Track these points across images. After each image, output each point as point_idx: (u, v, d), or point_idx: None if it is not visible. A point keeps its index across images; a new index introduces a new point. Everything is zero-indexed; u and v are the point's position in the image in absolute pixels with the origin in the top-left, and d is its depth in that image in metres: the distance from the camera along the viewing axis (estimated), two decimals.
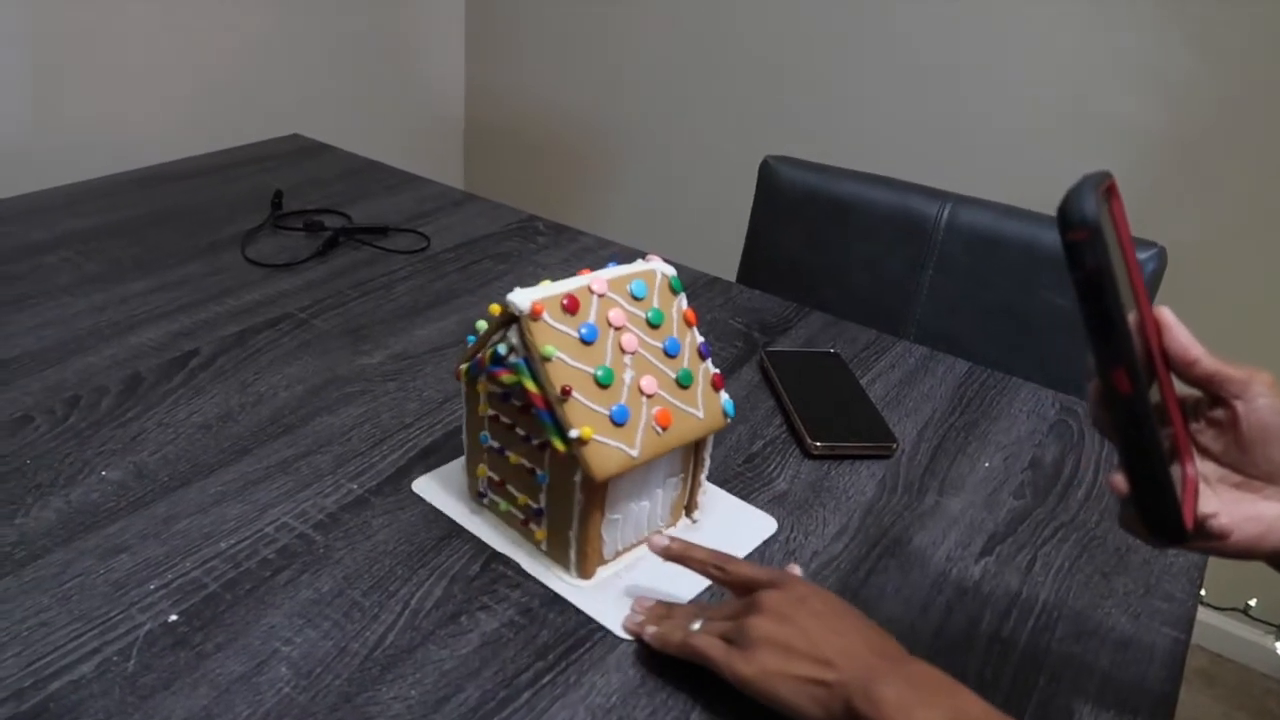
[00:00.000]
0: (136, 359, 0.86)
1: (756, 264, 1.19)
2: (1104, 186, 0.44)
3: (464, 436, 0.70)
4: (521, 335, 0.60)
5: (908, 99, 1.68)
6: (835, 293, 1.10)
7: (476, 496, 0.71)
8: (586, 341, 0.60)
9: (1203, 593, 1.71)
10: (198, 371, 0.86)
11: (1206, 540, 0.48)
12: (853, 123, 1.74)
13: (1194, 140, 1.46)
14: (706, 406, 0.66)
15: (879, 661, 0.52)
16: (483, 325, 0.64)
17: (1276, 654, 1.58)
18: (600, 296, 0.62)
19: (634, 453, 0.61)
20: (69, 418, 0.78)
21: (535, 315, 0.59)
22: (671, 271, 0.68)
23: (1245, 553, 0.49)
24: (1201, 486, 0.49)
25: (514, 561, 0.67)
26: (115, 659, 0.56)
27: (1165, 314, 0.49)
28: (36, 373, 0.83)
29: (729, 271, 1.22)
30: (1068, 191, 0.42)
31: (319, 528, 0.68)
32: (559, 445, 0.60)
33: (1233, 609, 1.66)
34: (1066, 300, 1.01)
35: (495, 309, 0.62)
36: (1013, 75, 1.57)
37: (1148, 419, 0.44)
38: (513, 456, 0.66)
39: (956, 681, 0.50)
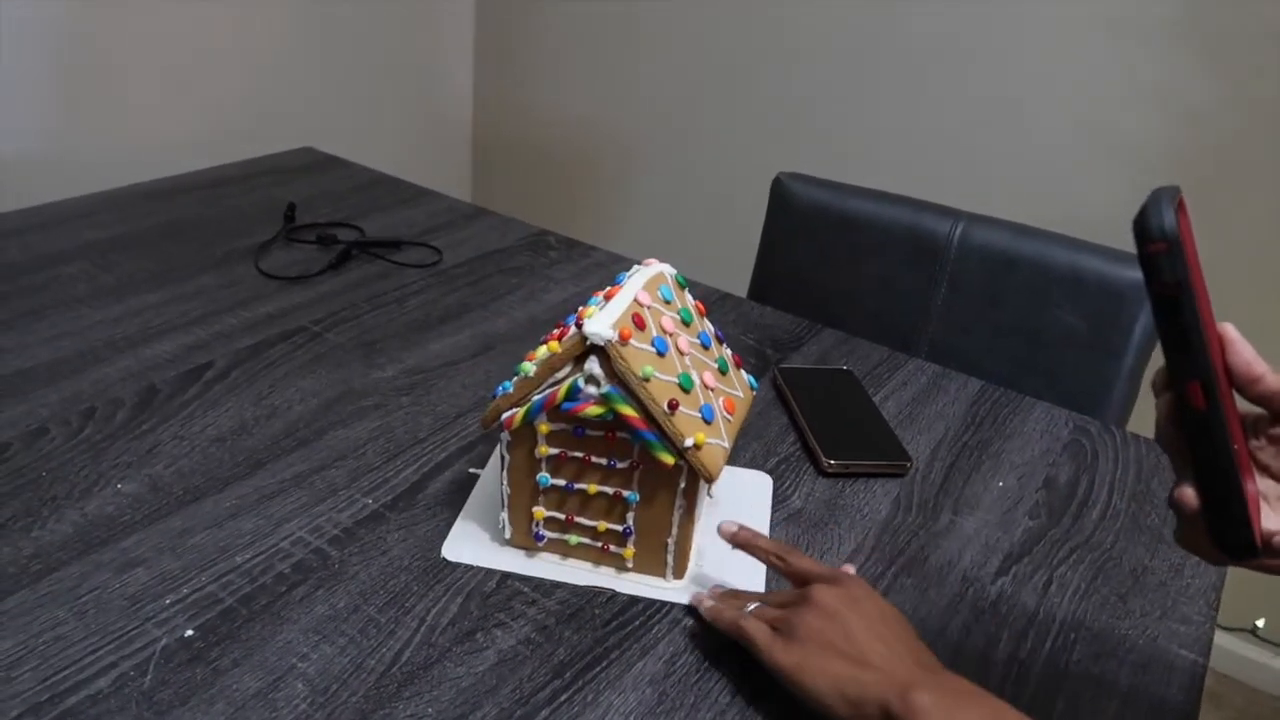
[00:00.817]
0: (151, 371, 0.87)
1: (768, 280, 1.19)
2: (1178, 201, 0.44)
3: (504, 486, 0.66)
4: (608, 363, 0.60)
5: (921, 117, 1.68)
6: (847, 310, 1.10)
7: (531, 540, 0.68)
8: (661, 354, 0.62)
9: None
10: (212, 384, 0.86)
11: (1274, 558, 0.48)
12: (866, 140, 1.75)
13: (1206, 160, 1.46)
14: (740, 385, 0.69)
15: (918, 671, 0.52)
16: (529, 368, 0.62)
17: None
18: (649, 308, 0.63)
19: (726, 444, 0.63)
20: (84, 429, 0.78)
21: (624, 340, 0.59)
22: (673, 270, 0.70)
23: None
24: (1262, 504, 0.49)
25: (604, 589, 0.67)
26: (132, 674, 0.56)
27: (1229, 330, 0.48)
28: (53, 384, 0.83)
29: (740, 287, 1.22)
30: (1144, 204, 0.42)
31: (334, 542, 0.68)
32: (668, 459, 0.61)
33: (1241, 629, 1.65)
34: (1079, 319, 1.01)
35: (553, 347, 0.61)
36: (1026, 94, 1.57)
37: (1222, 434, 0.44)
38: (591, 487, 0.65)
39: (993, 695, 0.50)
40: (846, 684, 0.52)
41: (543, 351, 0.62)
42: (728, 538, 0.65)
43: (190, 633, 0.59)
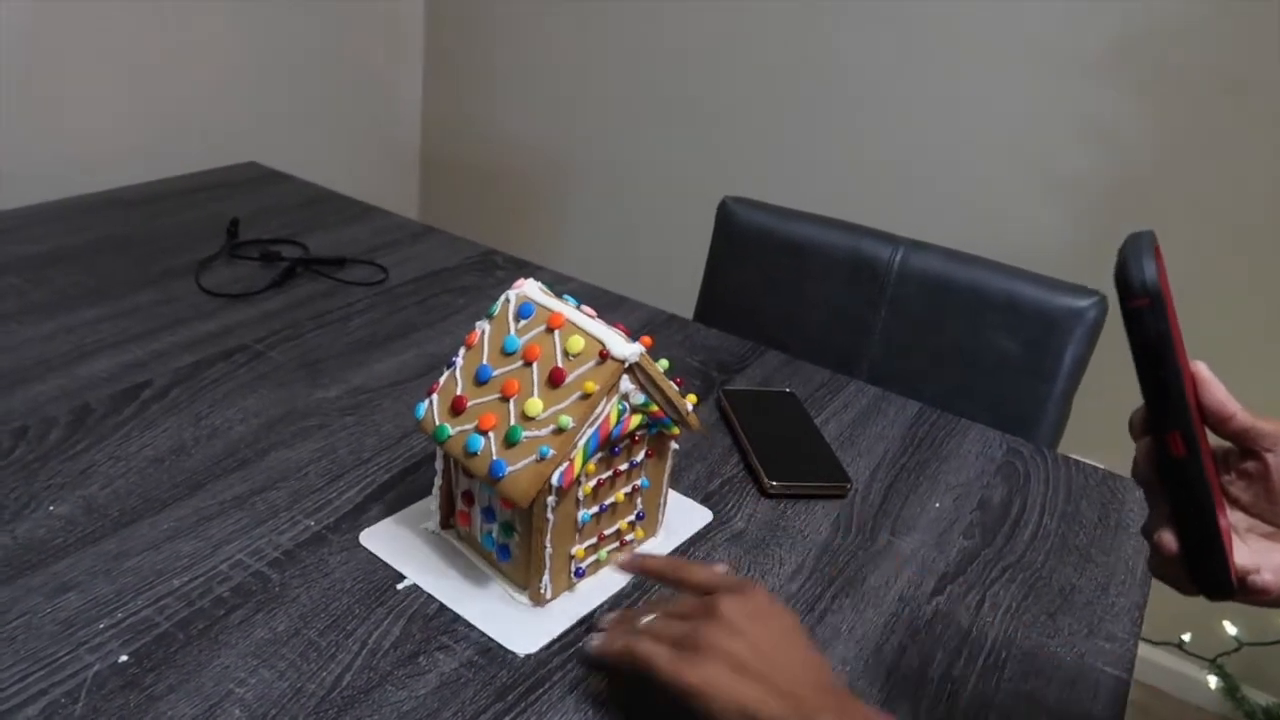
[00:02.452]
0: (86, 390, 0.85)
1: (714, 303, 1.21)
2: (1155, 248, 0.44)
3: (548, 547, 0.65)
4: (642, 372, 0.64)
5: (863, 144, 1.72)
6: (791, 332, 1.12)
7: (571, 581, 0.69)
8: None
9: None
10: (150, 403, 0.84)
11: (1250, 595, 0.49)
12: (810, 166, 1.78)
13: (1135, 190, 1.52)
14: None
15: (825, 697, 0.52)
16: (568, 421, 0.61)
17: (1210, 688, 1.62)
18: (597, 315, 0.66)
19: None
20: (15, 450, 0.76)
21: (648, 347, 0.64)
22: (536, 283, 0.70)
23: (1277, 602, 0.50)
24: (1234, 538, 0.50)
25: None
26: (63, 701, 0.55)
27: (1201, 369, 0.50)
28: None
29: (686, 309, 1.24)
30: (1124, 256, 0.43)
31: (274, 565, 0.67)
32: (676, 430, 0.70)
33: (1167, 643, 1.70)
34: (1013, 343, 1.05)
35: (590, 386, 0.61)
36: (964, 124, 1.62)
37: (1202, 481, 0.45)
38: (619, 496, 0.69)
39: None
40: (756, 708, 0.51)
41: (589, 387, 0.61)
42: (618, 567, 0.66)
43: (124, 658, 0.58)
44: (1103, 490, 0.90)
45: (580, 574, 0.69)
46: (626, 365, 0.62)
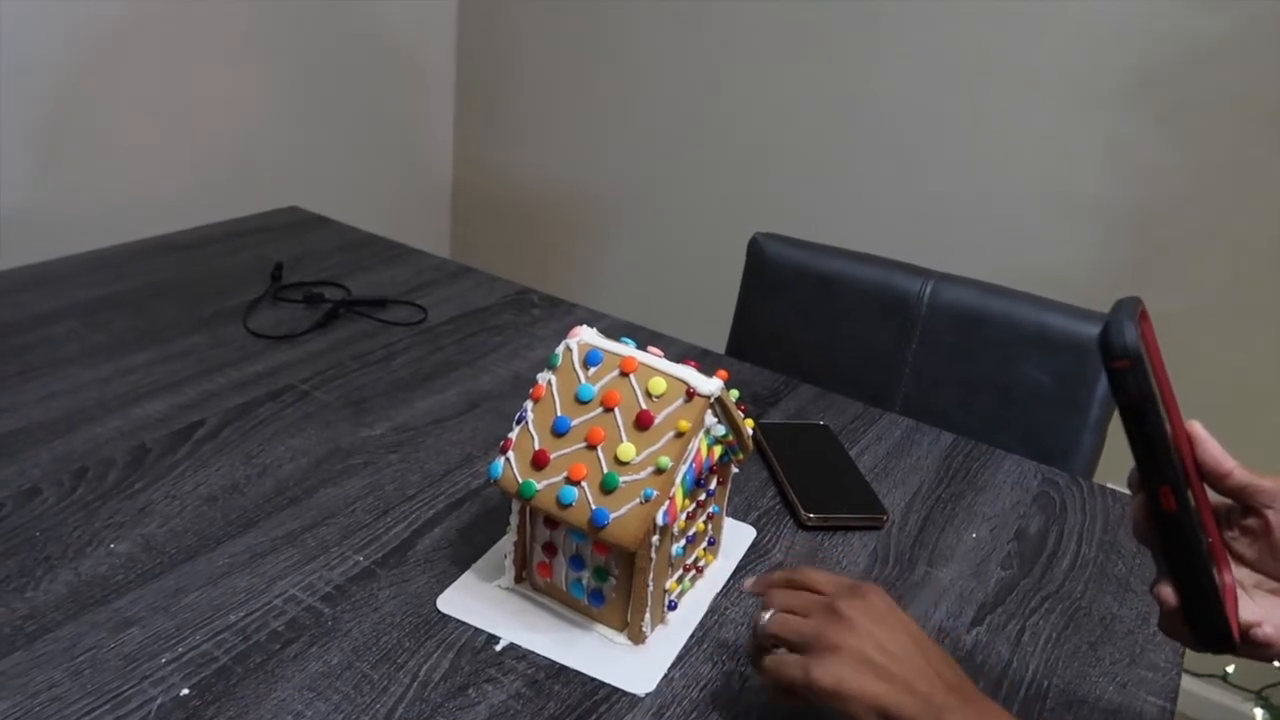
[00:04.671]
0: (142, 430, 0.88)
1: (745, 337, 1.23)
2: (1139, 312, 0.47)
3: (650, 585, 0.66)
4: (720, 405, 0.66)
5: (891, 179, 1.74)
6: (823, 366, 1.13)
7: (664, 615, 0.70)
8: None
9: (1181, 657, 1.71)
10: (202, 443, 0.87)
11: (1253, 649, 0.50)
12: (839, 201, 1.80)
13: (1162, 217, 1.53)
14: None
15: (952, 697, 0.52)
16: (666, 461, 0.63)
17: (1256, 719, 1.59)
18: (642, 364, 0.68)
19: None
20: (77, 489, 0.79)
21: (725, 381, 0.66)
22: (590, 330, 0.71)
23: None
24: (1239, 593, 0.51)
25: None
26: None
27: (1196, 428, 0.51)
28: (44, 444, 0.84)
29: (719, 344, 1.25)
30: (1107, 321, 0.45)
31: (326, 600, 0.69)
32: (741, 456, 0.72)
33: (1211, 675, 1.67)
34: (1046, 375, 1.05)
35: (683, 425, 0.63)
36: (991, 157, 1.63)
37: (1194, 534, 0.47)
38: (700, 526, 0.72)
39: None
40: (890, 705, 0.51)
41: (683, 426, 0.63)
42: (748, 590, 0.65)
43: (186, 691, 0.60)
44: None
45: (674, 607, 0.71)
46: (711, 400, 0.65)
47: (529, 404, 0.68)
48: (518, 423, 0.68)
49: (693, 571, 0.74)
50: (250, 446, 0.87)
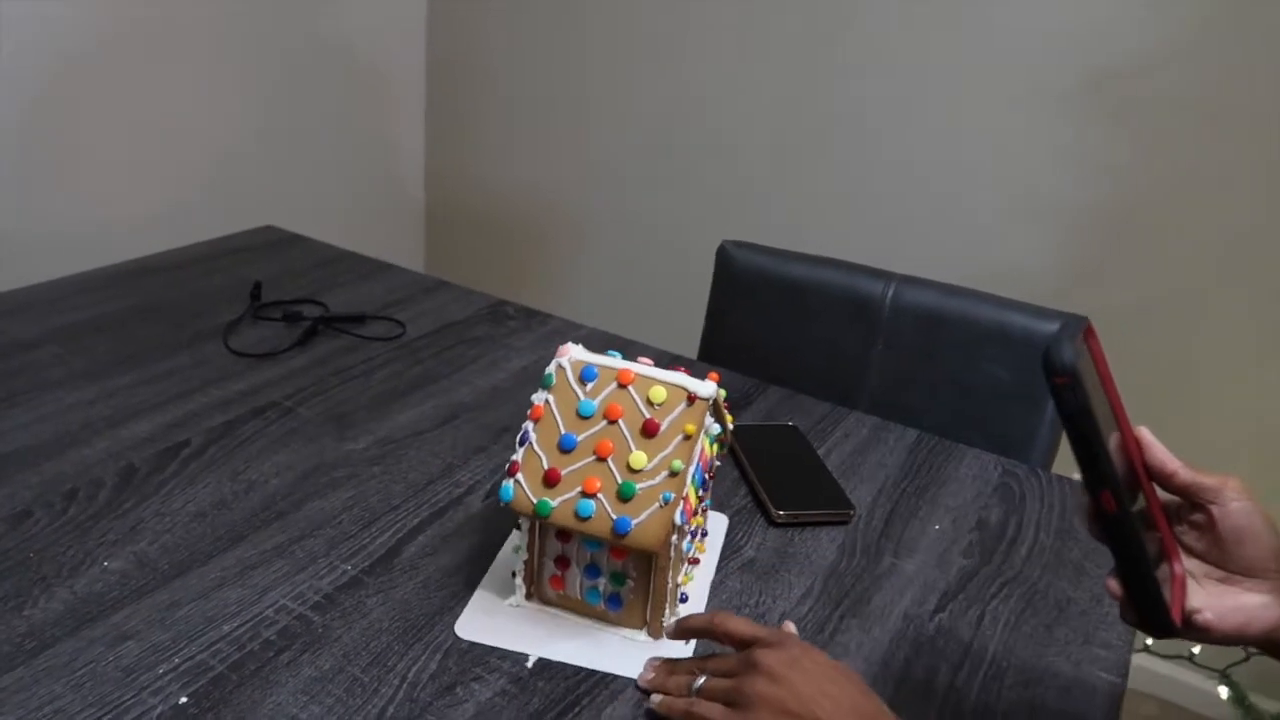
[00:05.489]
0: (130, 450, 0.90)
1: (717, 343, 1.26)
2: (1083, 332, 0.52)
3: (668, 584, 0.70)
4: (714, 406, 0.71)
5: (856, 184, 1.78)
6: (791, 368, 1.17)
7: (676, 608, 0.73)
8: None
9: (1149, 642, 1.78)
10: (189, 461, 0.89)
11: (1195, 633, 0.55)
12: (804, 208, 1.84)
13: (1119, 216, 1.58)
14: None
15: None
16: (679, 464, 0.67)
17: (1221, 699, 1.64)
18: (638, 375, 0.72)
19: None
20: (68, 510, 0.81)
21: (717, 382, 0.71)
22: (577, 347, 0.75)
23: (1233, 640, 0.55)
24: (1189, 581, 0.56)
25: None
26: None
27: (1144, 433, 0.56)
28: (34, 467, 0.86)
29: (690, 349, 1.29)
30: (1050, 342, 0.50)
31: (316, 608, 0.72)
32: (714, 448, 0.75)
33: (1179, 657, 1.72)
34: (1005, 371, 1.10)
35: (690, 428, 0.68)
36: (954, 159, 1.68)
37: (1134, 533, 0.51)
38: (699, 520, 0.77)
39: None
40: None
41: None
42: (669, 635, 0.68)
43: (184, 700, 0.63)
44: None
45: (685, 599, 0.75)
46: (710, 402, 0.69)
47: (529, 425, 0.70)
48: (521, 444, 0.69)
49: (694, 564, 0.79)
50: (236, 463, 0.90)
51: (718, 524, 0.86)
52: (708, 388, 0.69)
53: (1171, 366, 1.60)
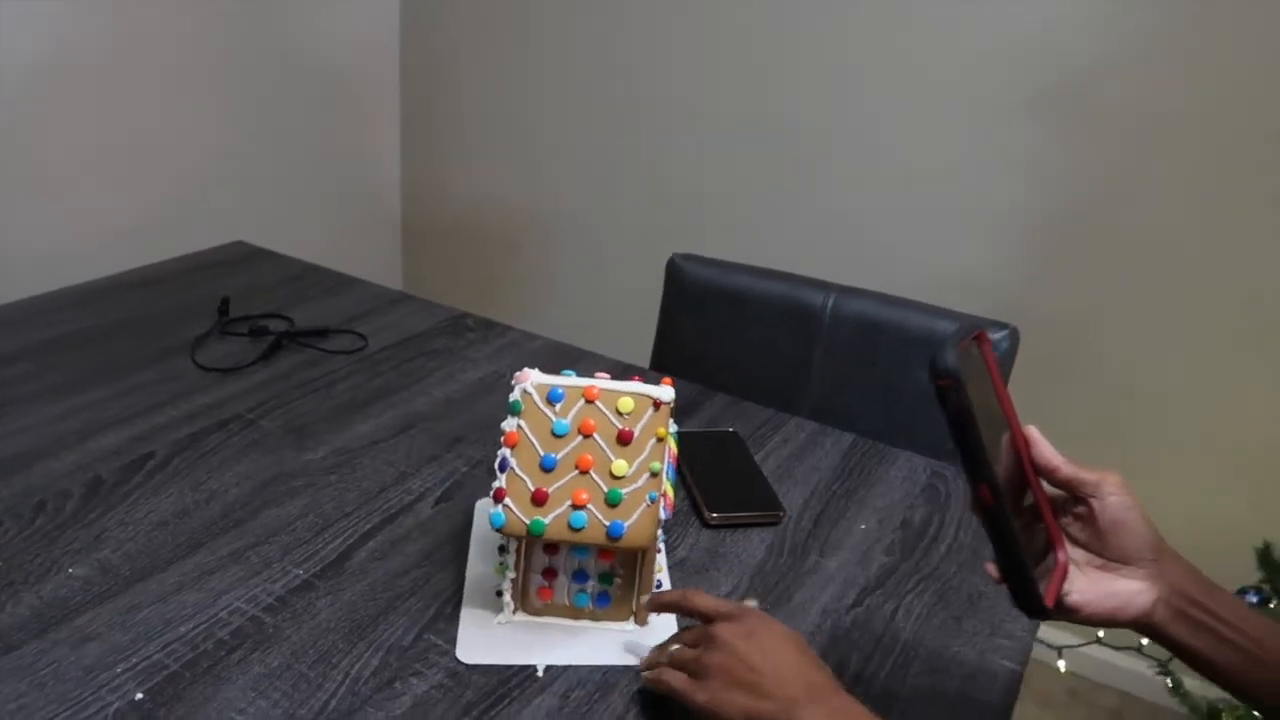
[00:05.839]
0: (97, 463, 0.95)
1: (668, 352, 1.31)
2: (971, 338, 0.57)
3: (653, 575, 0.77)
4: (671, 407, 0.77)
5: (804, 196, 1.84)
6: (737, 376, 1.22)
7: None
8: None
9: (1101, 634, 1.82)
10: (154, 473, 0.94)
11: (1067, 613, 0.60)
12: (751, 221, 1.90)
13: (1059, 222, 1.64)
14: None
15: (807, 693, 0.62)
16: (657, 465, 0.73)
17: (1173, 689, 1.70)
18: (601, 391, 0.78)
19: None
20: (36, 520, 0.86)
21: (670, 386, 0.77)
22: (535, 373, 0.79)
23: (1107, 622, 0.60)
24: (1072, 569, 0.61)
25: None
26: None
27: (1032, 431, 0.61)
28: (4, 479, 0.91)
29: (643, 358, 1.34)
30: (935, 347, 0.55)
31: (268, 610, 0.77)
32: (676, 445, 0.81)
33: (1129, 648, 1.78)
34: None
35: (661, 431, 0.74)
36: (892, 171, 1.74)
37: (1008, 522, 0.57)
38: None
39: (875, 715, 0.60)
40: (750, 714, 0.61)
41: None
42: (647, 607, 0.75)
43: (140, 696, 0.68)
44: None
45: (660, 585, 0.81)
46: (672, 404, 0.75)
47: (506, 451, 0.74)
48: (501, 470, 0.73)
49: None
50: (199, 474, 0.94)
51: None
52: (668, 392, 0.76)
53: (1118, 371, 1.66)
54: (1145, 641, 1.76)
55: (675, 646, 0.70)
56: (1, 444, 0.97)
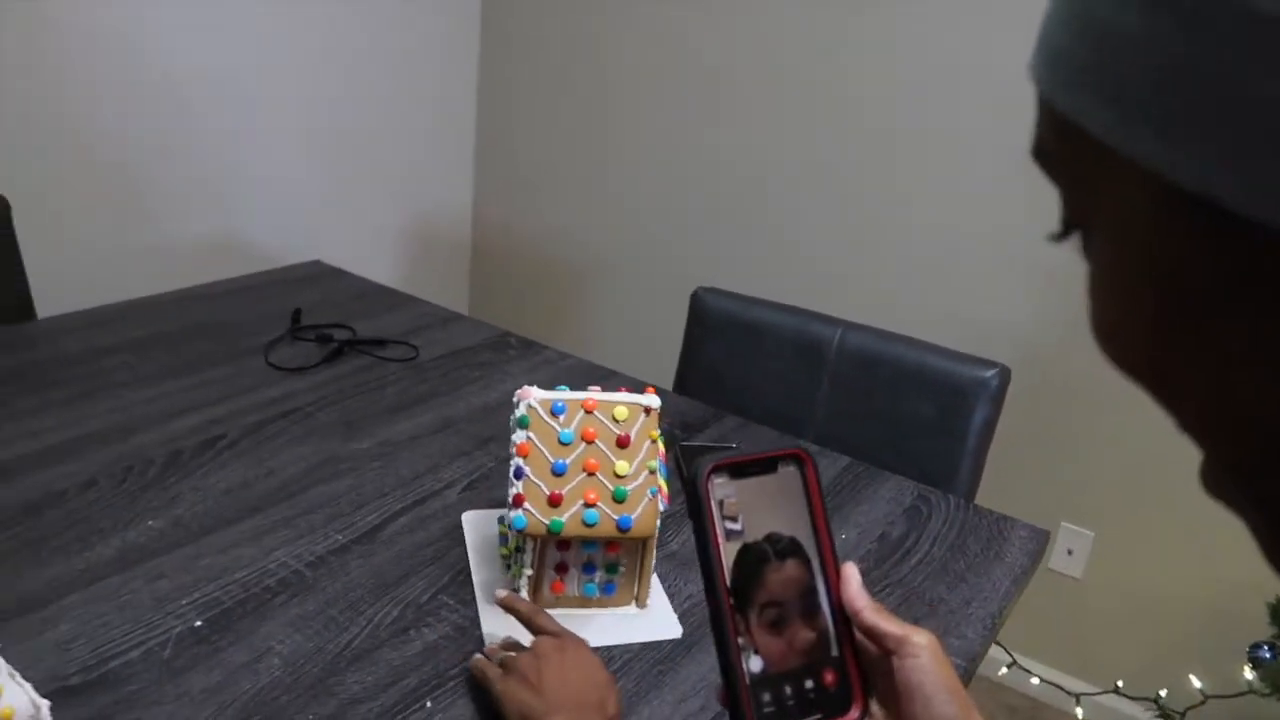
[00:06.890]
0: (178, 439, 1.10)
1: (688, 376, 1.43)
2: (800, 463, 0.56)
3: (651, 561, 0.89)
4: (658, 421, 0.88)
5: (817, 239, 1.95)
6: (750, 401, 1.33)
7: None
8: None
9: (1120, 683, 1.86)
10: (224, 450, 1.09)
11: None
12: (770, 259, 2.03)
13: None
14: None
15: (574, 708, 0.69)
16: (654, 463, 0.84)
17: None
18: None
19: None
20: (125, 481, 1.01)
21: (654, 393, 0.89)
22: (537, 390, 0.89)
23: None
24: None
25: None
26: (156, 649, 0.78)
27: (846, 568, 0.55)
28: (101, 448, 1.06)
29: (668, 381, 1.46)
30: (697, 464, 0.52)
31: (310, 565, 0.90)
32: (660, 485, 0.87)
33: (1144, 698, 1.81)
34: (930, 408, 1.24)
35: (653, 434, 0.86)
36: (901, 219, 1.84)
37: (724, 635, 0.50)
38: None
39: None
40: (524, 707, 0.69)
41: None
42: (500, 603, 0.81)
43: (199, 623, 0.81)
44: (992, 530, 1.08)
45: (654, 570, 0.91)
46: (658, 410, 0.87)
47: (519, 461, 0.84)
48: (517, 478, 0.83)
49: None
50: (262, 453, 1.09)
51: None
52: (654, 400, 0.87)
53: (1124, 419, 1.71)
54: (1164, 692, 1.79)
55: (512, 653, 0.76)
56: (100, 419, 1.12)
